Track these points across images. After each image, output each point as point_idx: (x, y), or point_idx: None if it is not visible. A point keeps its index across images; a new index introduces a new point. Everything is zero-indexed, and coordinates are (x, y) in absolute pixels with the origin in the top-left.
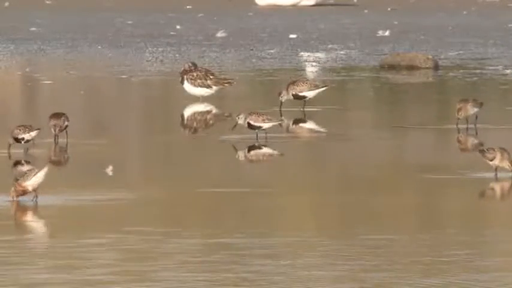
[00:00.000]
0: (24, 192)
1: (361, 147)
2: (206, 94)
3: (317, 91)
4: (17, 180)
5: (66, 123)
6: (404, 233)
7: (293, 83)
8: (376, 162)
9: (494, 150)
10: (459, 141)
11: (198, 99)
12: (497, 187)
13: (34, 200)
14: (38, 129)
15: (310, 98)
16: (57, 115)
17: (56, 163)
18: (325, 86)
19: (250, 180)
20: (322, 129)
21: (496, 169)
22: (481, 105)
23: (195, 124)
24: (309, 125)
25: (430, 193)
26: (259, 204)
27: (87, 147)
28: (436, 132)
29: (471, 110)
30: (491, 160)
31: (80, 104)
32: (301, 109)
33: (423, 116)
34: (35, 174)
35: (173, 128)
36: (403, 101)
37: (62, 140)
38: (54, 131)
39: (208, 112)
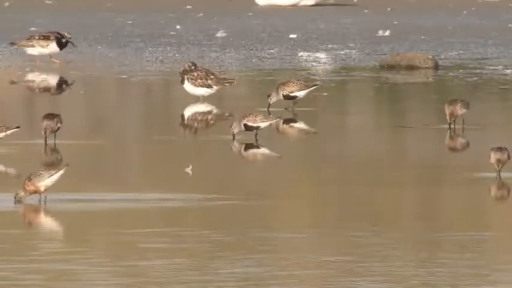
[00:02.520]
0: (36, 192)
1: (360, 147)
2: (207, 94)
3: (307, 90)
4: (30, 179)
5: (58, 125)
6: (404, 232)
7: (283, 83)
8: (375, 162)
9: (491, 150)
10: (452, 141)
11: (198, 99)
12: (495, 187)
13: (44, 199)
14: (17, 127)
15: (300, 98)
16: (50, 116)
17: (48, 165)
18: (315, 85)
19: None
20: (321, 129)
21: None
22: (467, 105)
23: (195, 124)
24: (308, 125)
25: (429, 193)
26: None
27: (87, 147)
28: (435, 132)
29: (460, 110)
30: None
31: (80, 104)
32: (290, 109)
33: (423, 116)
34: (50, 176)
35: (173, 128)
36: (403, 101)
37: (64, 142)
38: (45, 132)
39: (209, 112)
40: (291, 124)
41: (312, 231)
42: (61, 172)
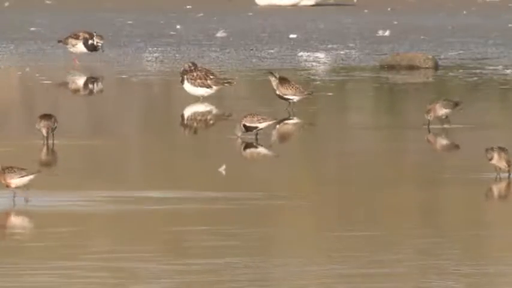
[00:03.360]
0: (6, 186)
1: (360, 147)
2: (206, 94)
3: (301, 97)
4: (3, 171)
5: (55, 124)
6: (404, 231)
7: (281, 83)
8: (375, 162)
9: (492, 150)
10: (428, 142)
11: (198, 99)
12: (495, 187)
13: (25, 200)
14: None
15: (293, 102)
16: (47, 116)
17: (48, 165)
18: (310, 94)
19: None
20: (321, 129)
21: (497, 169)
22: (455, 105)
23: (195, 124)
24: (308, 124)
25: (429, 193)
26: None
27: (87, 147)
28: (435, 132)
29: (440, 110)
30: (490, 160)
31: (80, 104)
32: (289, 109)
33: (423, 116)
34: (22, 176)
35: (173, 128)
36: (403, 101)
37: (59, 142)
38: (47, 132)
39: (209, 112)
40: (291, 124)
41: (341, 228)
42: (31, 177)
